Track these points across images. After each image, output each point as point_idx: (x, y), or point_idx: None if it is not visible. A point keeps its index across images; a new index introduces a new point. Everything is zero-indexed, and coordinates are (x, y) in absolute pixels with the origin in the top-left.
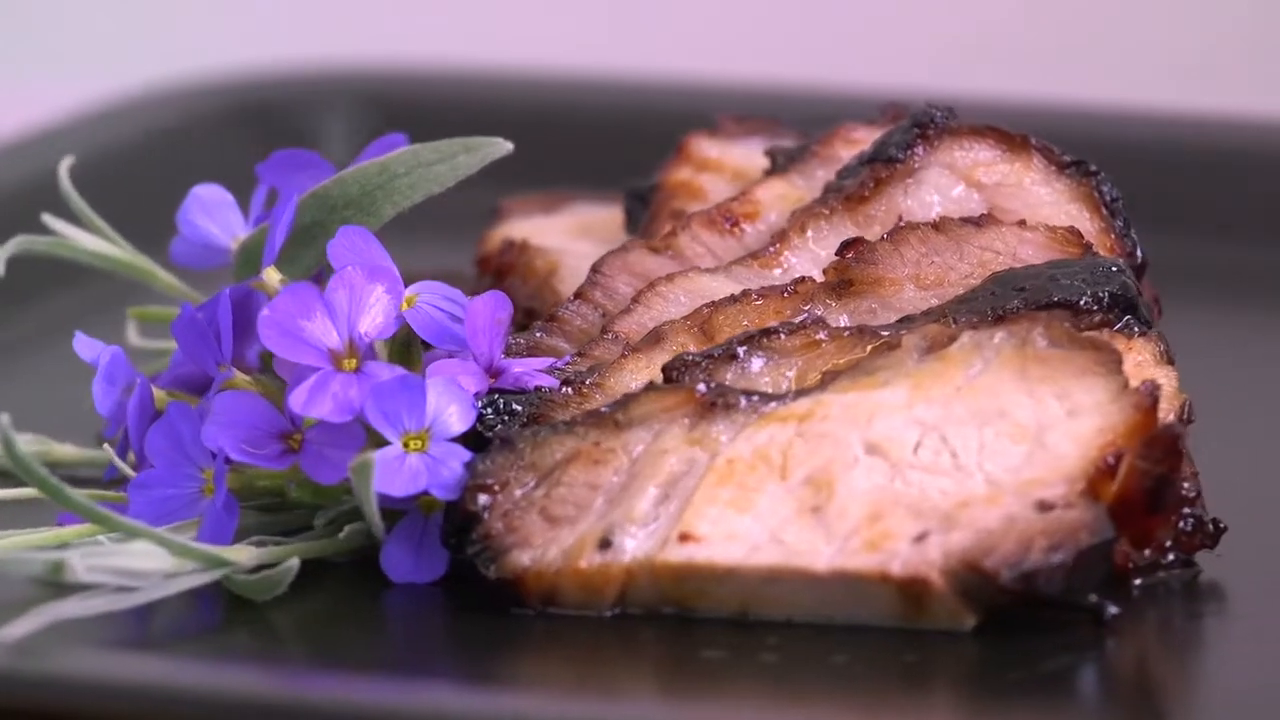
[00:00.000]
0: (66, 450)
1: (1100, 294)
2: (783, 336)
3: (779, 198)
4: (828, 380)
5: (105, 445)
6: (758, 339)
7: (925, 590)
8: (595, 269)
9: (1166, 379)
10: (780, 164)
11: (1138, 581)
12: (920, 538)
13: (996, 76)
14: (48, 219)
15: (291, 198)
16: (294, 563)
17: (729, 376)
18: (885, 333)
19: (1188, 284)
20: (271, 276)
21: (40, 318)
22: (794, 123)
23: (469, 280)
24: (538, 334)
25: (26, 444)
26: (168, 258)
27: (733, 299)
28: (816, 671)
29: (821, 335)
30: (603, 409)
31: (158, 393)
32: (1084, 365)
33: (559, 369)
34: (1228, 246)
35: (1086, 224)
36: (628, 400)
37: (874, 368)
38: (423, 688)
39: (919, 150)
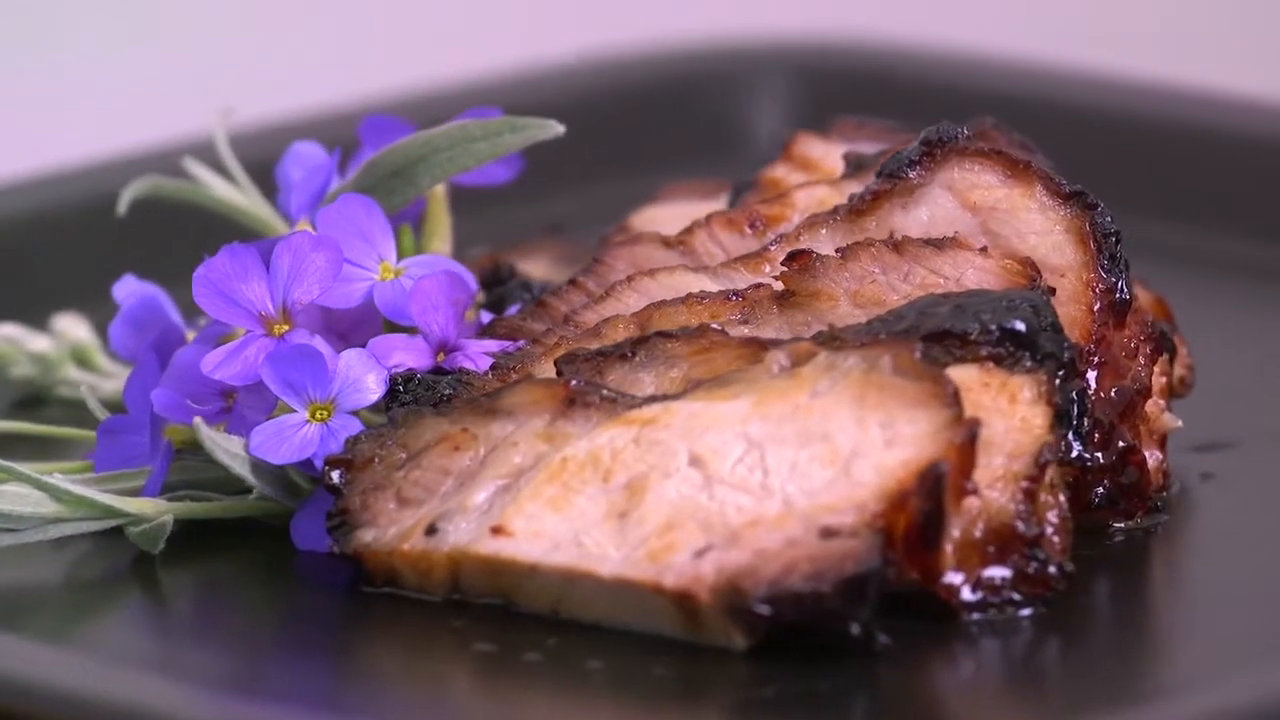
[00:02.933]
0: None
1: (991, 326)
2: (675, 341)
3: (817, 203)
4: (690, 387)
5: (83, 388)
6: (651, 341)
7: (695, 605)
8: (597, 257)
9: (1039, 418)
10: (850, 170)
11: (975, 617)
12: (701, 552)
13: None
14: (190, 165)
15: (331, 162)
16: (167, 519)
17: (616, 375)
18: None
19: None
20: None
21: None
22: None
23: None
24: (522, 317)
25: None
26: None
27: (679, 299)
28: (564, 674)
29: (713, 342)
30: (480, 396)
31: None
32: (917, 397)
33: (502, 353)
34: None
35: (1070, 255)
36: (502, 390)
37: (731, 379)
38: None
39: (921, 168)
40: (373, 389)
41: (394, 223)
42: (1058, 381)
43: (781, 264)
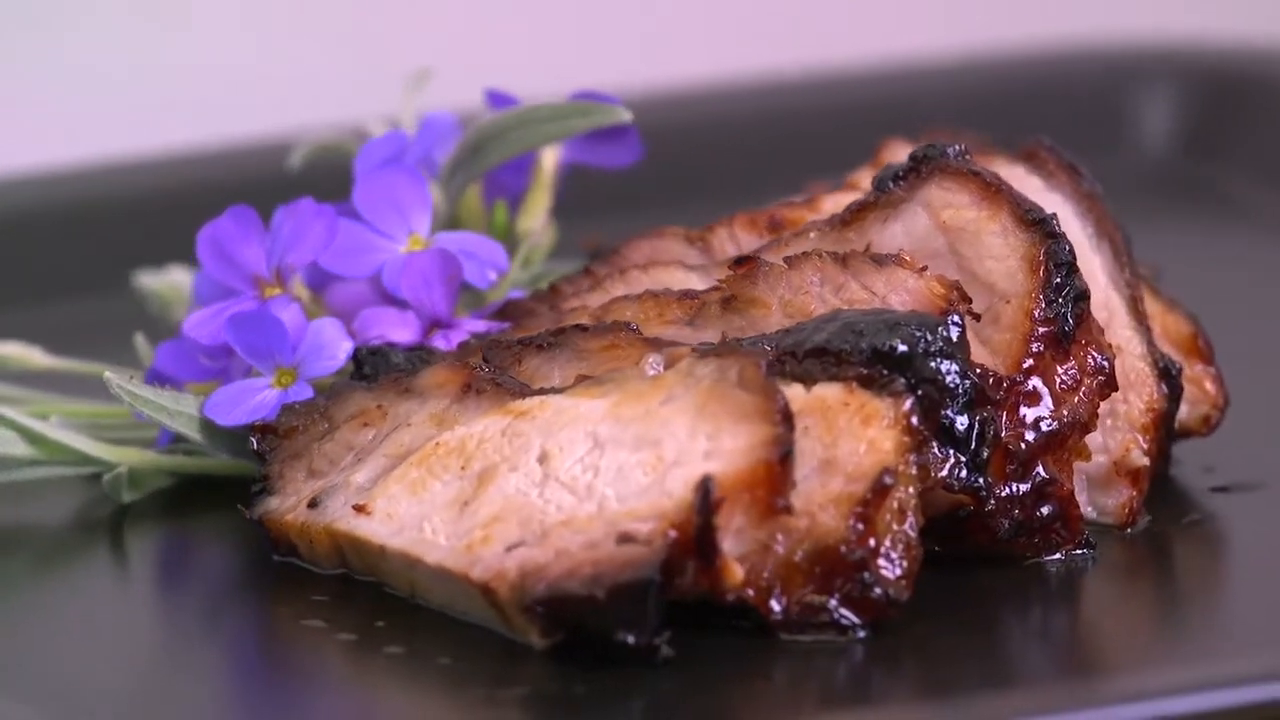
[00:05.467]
0: None
1: (862, 346)
2: (586, 336)
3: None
4: (577, 383)
5: (137, 338)
6: (567, 334)
7: (497, 600)
8: (616, 248)
9: (887, 442)
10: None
11: (804, 636)
12: (511, 548)
13: None
14: (370, 125)
15: (401, 133)
16: (122, 470)
17: (531, 365)
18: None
19: None
20: None
21: None
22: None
23: None
24: (534, 299)
25: None
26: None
27: (635, 296)
28: (362, 655)
29: (621, 340)
30: (402, 375)
31: None
32: (747, 411)
33: (479, 335)
34: None
35: (1019, 282)
36: (416, 370)
37: (608, 378)
38: None
39: (903, 185)
40: (335, 358)
41: (493, 196)
42: (954, 409)
43: (729, 268)
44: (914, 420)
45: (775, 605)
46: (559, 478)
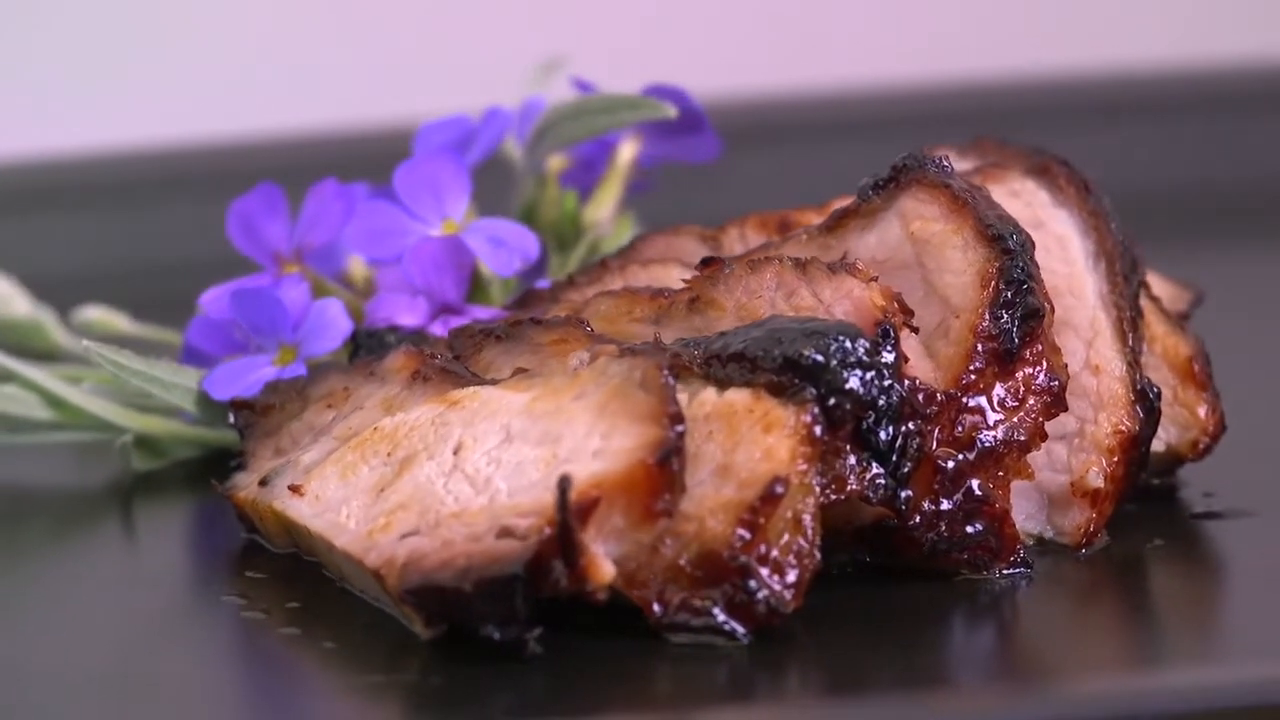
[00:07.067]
0: None
1: (775, 353)
2: (538, 329)
3: None
4: (513, 375)
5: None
6: (521, 326)
7: (385, 587)
8: (632, 242)
9: (783, 450)
10: None
11: (687, 639)
12: (406, 536)
13: None
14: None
15: (463, 117)
16: (127, 438)
17: (489, 355)
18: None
19: None
20: None
21: None
22: None
23: None
24: (555, 288)
25: None
26: None
27: (614, 292)
28: (254, 637)
29: (570, 334)
30: (370, 359)
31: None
32: (642, 412)
33: (478, 321)
34: None
35: (970, 297)
36: (384, 354)
37: (536, 372)
38: None
39: (882, 194)
40: (335, 339)
41: (583, 185)
42: (875, 421)
43: (695, 269)
44: (816, 430)
45: (657, 607)
46: (464, 469)
